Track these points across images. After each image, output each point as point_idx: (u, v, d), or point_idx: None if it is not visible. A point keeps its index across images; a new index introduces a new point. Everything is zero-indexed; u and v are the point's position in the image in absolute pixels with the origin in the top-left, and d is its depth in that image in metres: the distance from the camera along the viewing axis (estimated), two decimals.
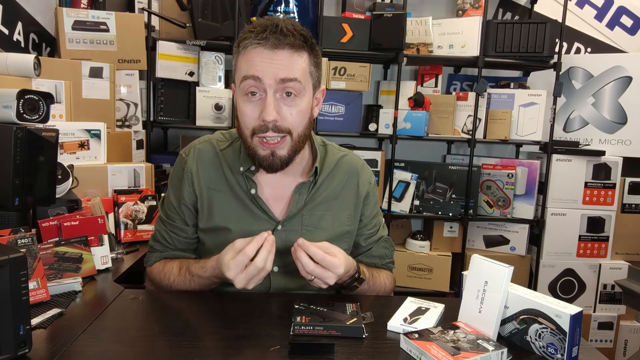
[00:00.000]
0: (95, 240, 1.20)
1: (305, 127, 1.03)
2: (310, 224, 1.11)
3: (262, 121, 0.97)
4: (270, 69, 0.95)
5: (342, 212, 1.15)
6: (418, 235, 2.48)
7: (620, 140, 2.44)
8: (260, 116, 0.97)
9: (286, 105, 0.99)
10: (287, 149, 1.01)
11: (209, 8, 2.14)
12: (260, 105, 0.98)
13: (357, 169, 1.19)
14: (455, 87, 2.67)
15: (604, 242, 2.44)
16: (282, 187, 1.11)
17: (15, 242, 0.97)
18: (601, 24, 2.60)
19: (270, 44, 0.95)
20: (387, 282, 1.18)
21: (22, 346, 0.75)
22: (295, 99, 0.99)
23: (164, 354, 0.80)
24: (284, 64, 0.96)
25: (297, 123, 1.00)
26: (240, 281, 0.93)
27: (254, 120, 0.99)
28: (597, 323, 2.47)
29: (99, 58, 1.91)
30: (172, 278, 1.10)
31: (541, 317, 0.83)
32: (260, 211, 1.09)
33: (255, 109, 0.98)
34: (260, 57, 0.96)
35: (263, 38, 0.95)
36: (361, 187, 1.18)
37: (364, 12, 2.34)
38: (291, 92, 0.98)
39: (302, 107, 1.01)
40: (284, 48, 0.96)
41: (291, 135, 1.01)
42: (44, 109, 1.19)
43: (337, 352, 0.81)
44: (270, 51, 0.95)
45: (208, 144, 1.14)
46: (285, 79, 0.96)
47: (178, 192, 1.13)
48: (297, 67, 0.97)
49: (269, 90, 0.97)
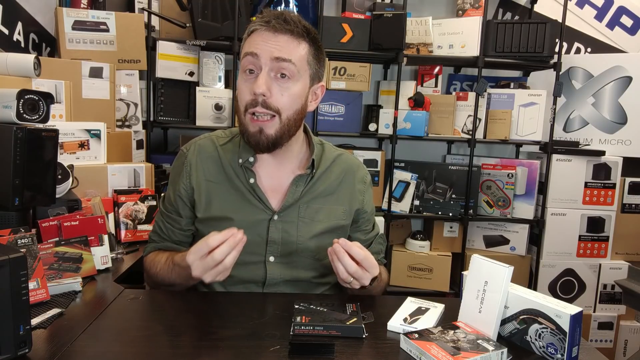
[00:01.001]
0: (95, 240, 1.20)
1: (296, 112, 1.07)
2: (307, 216, 1.13)
3: (253, 94, 1.01)
4: (268, 47, 1.01)
5: (338, 206, 1.17)
6: (418, 235, 2.48)
7: (620, 140, 2.44)
8: (251, 90, 1.02)
9: (278, 85, 1.03)
10: (275, 129, 1.05)
11: (209, 8, 2.14)
12: (254, 81, 1.02)
13: (353, 168, 1.22)
14: (455, 87, 2.67)
15: (604, 242, 2.44)
16: (279, 179, 1.14)
17: (15, 242, 0.97)
18: (601, 24, 2.60)
19: (271, 26, 1.01)
20: (384, 276, 1.21)
21: (22, 346, 0.75)
22: (289, 81, 1.03)
23: (164, 354, 0.80)
24: (281, 45, 1.01)
25: (287, 105, 1.04)
26: (196, 269, 0.94)
27: (247, 95, 1.03)
28: (597, 323, 2.47)
29: (99, 58, 1.91)
30: (158, 267, 1.12)
31: (541, 317, 0.83)
32: (258, 200, 1.11)
33: (250, 85, 1.03)
34: (261, 37, 1.02)
35: (266, 22, 1.01)
36: (357, 185, 1.21)
37: (364, 12, 2.34)
38: (285, 73, 1.02)
39: (294, 91, 1.05)
40: (284, 33, 1.02)
41: (280, 116, 1.04)
42: (44, 109, 1.19)
43: (337, 352, 0.81)
44: (271, 33, 1.01)
45: (208, 140, 1.19)
46: (280, 58, 1.01)
47: (175, 185, 1.17)
48: (294, 52, 1.03)
49: (264, 68, 1.01)
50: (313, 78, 1.09)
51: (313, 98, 1.12)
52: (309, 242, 1.12)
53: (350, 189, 1.20)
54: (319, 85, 1.12)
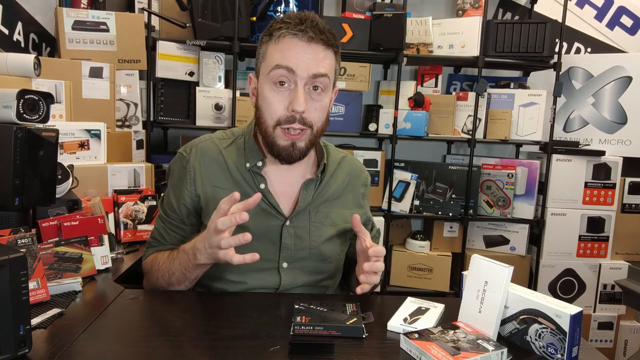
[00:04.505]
0: (95, 240, 1.20)
1: (324, 123, 1.06)
2: (318, 221, 1.12)
3: (292, 111, 0.99)
4: (304, 62, 0.98)
5: (345, 210, 1.16)
6: (418, 235, 2.48)
7: (620, 140, 2.44)
8: (289, 106, 0.99)
9: (312, 99, 1.01)
10: (306, 141, 1.03)
11: (209, 8, 2.14)
12: (290, 95, 0.99)
13: (357, 171, 1.22)
14: (455, 87, 2.67)
15: (604, 242, 2.44)
16: (289, 184, 1.12)
17: (15, 242, 0.97)
18: (601, 24, 2.60)
19: (307, 36, 0.97)
20: None
21: (22, 346, 0.74)
22: (322, 94, 1.02)
23: (163, 354, 0.80)
24: (317, 59, 0.98)
25: (318, 118, 1.03)
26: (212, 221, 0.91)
27: (280, 110, 1.00)
28: (597, 323, 2.47)
29: (99, 58, 1.91)
30: (160, 263, 1.08)
31: (541, 317, 0.83)
32: (269, 206, 1.08)
33: (283, 99, 1.00)
34: (296, 49, 0.98)
35: (300, 30, 0.97)
36: (361, 188, 1.22)
37: (364, 12, 2.34)
38: (319, 86, 1.00)
39: (325, 102, 1.04)
40: (318, 43, 0.98)
41: (312, 129, 1.03)
42: (44, 109, 1.19)
43: (337, 352, 0.81)
44: (306, 44, 0.98)
45: (210, 142, 1.13)
46: (317, 74, 0.98)
47: (178, 192, 1.12)
48: (327, 63, 1.00)
49: (300, 82, 0.98)
50: (334, 84, 1.08)
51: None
52: (321, 247, 1.11)
53: (355, 192, 1.20)
54: (334, 90, 1.10)
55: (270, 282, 1.09)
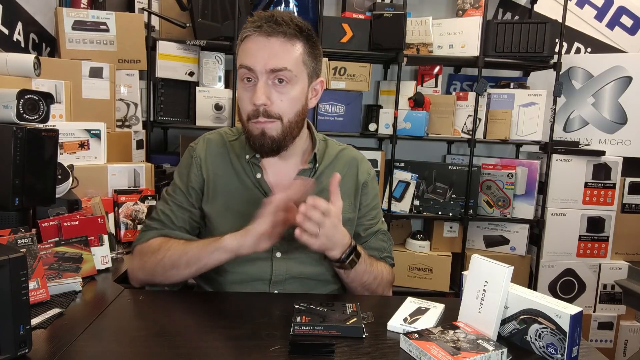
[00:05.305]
0: (95, 240, 1.20)
1: (297, 114, 1.07)
2: None
3: (253, 105, 1.02)
4: (262, 58, 1.01)
5: (344, 200, 1.15)
6: (418, 235, 2.48)
7: (620, 140, 2.44)
8: (250, 100, 1.02)
9: (277, 91, 1.03)
10: (277, 132, 1.05)
11: (209, 8, 2.14)
12: (252, 90, 1.03)
13: (357, 161, 1.24)
14: (455, 87, 2.67)
15: (604, 242, 2.44)
16: (284, 174, 1.15)
17: (15, 242, 0.97)
18: (601, 24, 2.60)
19: (263, 31, 1.01)
20: (385, 272, 1.18)
21: (22, 346, 0.75)
22: (287, 85, 1.04)
23: (163, 354, 0.80)
24: (275, 52, 1.01)
25: (287, 109, 1.05)
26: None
27: (248, 105, 1.04)
28: (597, 323, 2.47)
29: (99, 58, 1.91)
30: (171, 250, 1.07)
31: (541, 317, 0.83)
32: (264, 195, 1.11)
33: (250, 95, 1.03)
34: (255, 45, 1.02)
35: (258, 26, 1.01)
36: (360, 176, 1.22)
37: (364, 12, 2.34)
38: (282, 79, 1.03)
39: (294, 94, 1.05)
40: (277, 36, 1.01)
41: (282, 121, 1.05)
42: (44, 109, 1.19)
43: (337, 352, 0.81)
44: (264, 38, 1.01)
45: (217, 135, 1.20)
46: (275, 68, 1.01)
47: (185, 177, 1.16)
48: (288, 56, 1.02)
49: (261, 77, 1.02)
50: (311, 76, 1.09)
51: (313, 95, 1.13)
52: None
53: (354, 180, 1.20)
54: (318, 81, 1.12)
55: (262, 272, 1.10)
